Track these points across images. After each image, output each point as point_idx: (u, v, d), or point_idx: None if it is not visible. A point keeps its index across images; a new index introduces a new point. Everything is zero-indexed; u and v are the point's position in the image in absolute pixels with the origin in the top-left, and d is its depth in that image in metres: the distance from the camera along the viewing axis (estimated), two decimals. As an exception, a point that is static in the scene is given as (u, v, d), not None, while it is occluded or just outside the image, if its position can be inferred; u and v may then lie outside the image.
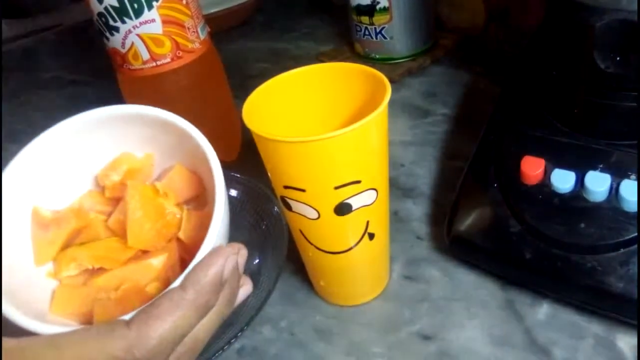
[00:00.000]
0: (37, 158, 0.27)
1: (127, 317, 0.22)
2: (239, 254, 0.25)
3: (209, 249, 0.24)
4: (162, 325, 0.21)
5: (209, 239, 0.24)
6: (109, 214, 0.29)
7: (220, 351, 0.30)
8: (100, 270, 0.28)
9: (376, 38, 0.61)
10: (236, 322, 0.34)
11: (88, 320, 0.27)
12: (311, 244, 0.33)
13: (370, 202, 0.31)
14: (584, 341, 0.32)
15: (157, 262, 0.28)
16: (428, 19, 0.62)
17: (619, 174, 0.31)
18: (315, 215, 0.30)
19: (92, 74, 0.77)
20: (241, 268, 0.26)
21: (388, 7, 0.58)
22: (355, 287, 0.36)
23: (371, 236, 0.33)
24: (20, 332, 0.23)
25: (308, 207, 0.30)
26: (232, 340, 0.31)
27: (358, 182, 0.29)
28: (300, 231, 0.33)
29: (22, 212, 0.27)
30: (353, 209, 0.30)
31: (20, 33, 0.99)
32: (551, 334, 0.32)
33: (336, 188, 0.29)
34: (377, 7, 0.59)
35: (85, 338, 0.21)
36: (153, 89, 0.44)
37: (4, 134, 0.59)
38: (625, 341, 0.31)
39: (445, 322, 0.34)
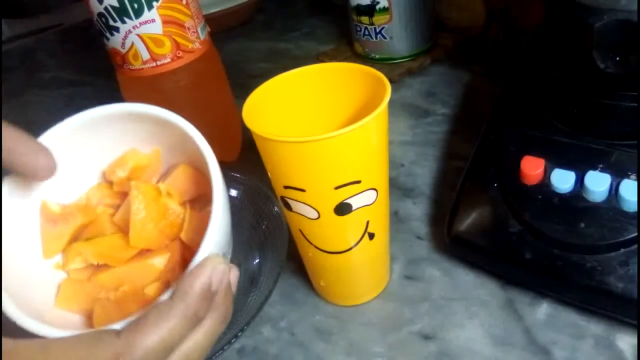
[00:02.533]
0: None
1: (118, 326, 0.22)
2: (231, 272, 0.25)
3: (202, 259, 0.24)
4: (150, 336, 0.22)
5: (202, 250, 0.24)
6: (117, 207, 0.29)
7: (221, 351, 0.30)
8: (105, 266, 0.28)
9: (376, 38, 0.61)
10: (236, 322, 0.34)
11: (90, 318, 0.27)
12: (311, 244, 0.33)
13: (370, 202, 0.31)
14: (584, 341, 0.32)
15: (159, 262, 0.28)
16: (428, 19, 0.62)
17: (618, 173, 0.32)
18: (315, 215, 0.30)
19: (92, 74, 0.77)
20: (233, 287, 0.26)
21: (388, 7, 0.58)
22: (356, 287, 0.36)
23: (371, 236, 0.33)
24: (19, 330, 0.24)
25: (308, 207, 0.30)
26: (233, 340, 0.31)
27: (358, 182, 0.29)
28: (300, 231, 0.33)
29: (31, 206, 0.27)
30: (353, 208, 0.30)
31: (20, 33, 0.99)
32: (551, 333, 0.32)
33: (336, 188, 0.29)
34: (377, 7, 0.59)
35: (74, 345, 0.21)
36: (153, 89, 0.44)
37: (4, 134, 0.59)
38: (625, 341, 0.31)
39: (445, 321, 0.34)
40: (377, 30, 0.61)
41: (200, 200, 0.30)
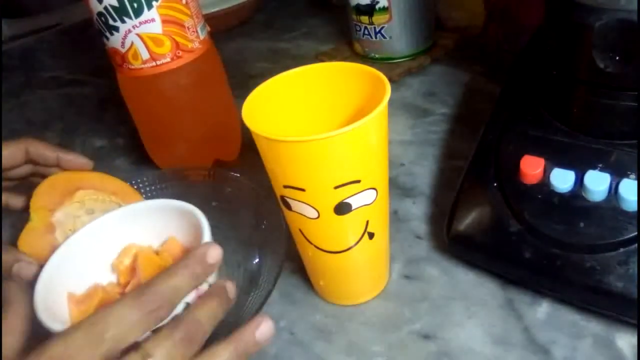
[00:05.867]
0: (69, 253, 0.34)
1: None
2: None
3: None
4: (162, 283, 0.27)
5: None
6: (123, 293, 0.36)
7: (220, 350, 0.30)
8: None
9: (376, 38, 0.61)
10: (236, 322, 0.34)
11: None
12: (311, 243, 0.33)
13: (369, 201, 0.31)
14: (584, 340, 0.32)
15: None
16: (428, 18, 0.62)
17: (618, 173, 0.32)
18: (315, 214, 0.30)
19: (91, 73, 0.77)
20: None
21: (387, 7, 0.58)
22: (355, 286, 0.36)
23: (371, 235, 0.33)
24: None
25: (308, 206, 0.30)
26: (232, 340, 0.31)
27: (358, 181, 0.29)
28: (300, 231, 0.33)
29: (60, 295, 0.33)
30: (353, 208, 0.30)
31: (20, 33, 0.99)
32: (551, 333, 0.32)
33: (336, 187, 0.29)
34: (377, 6, 0.59)
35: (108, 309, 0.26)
36: (153, 89, 0.44)
37: (3, 133, 0.59)
38: (624, 340, 0.31)
39: (444, 321, 0.34)
40: (377, 30, 0.61)
41: None
